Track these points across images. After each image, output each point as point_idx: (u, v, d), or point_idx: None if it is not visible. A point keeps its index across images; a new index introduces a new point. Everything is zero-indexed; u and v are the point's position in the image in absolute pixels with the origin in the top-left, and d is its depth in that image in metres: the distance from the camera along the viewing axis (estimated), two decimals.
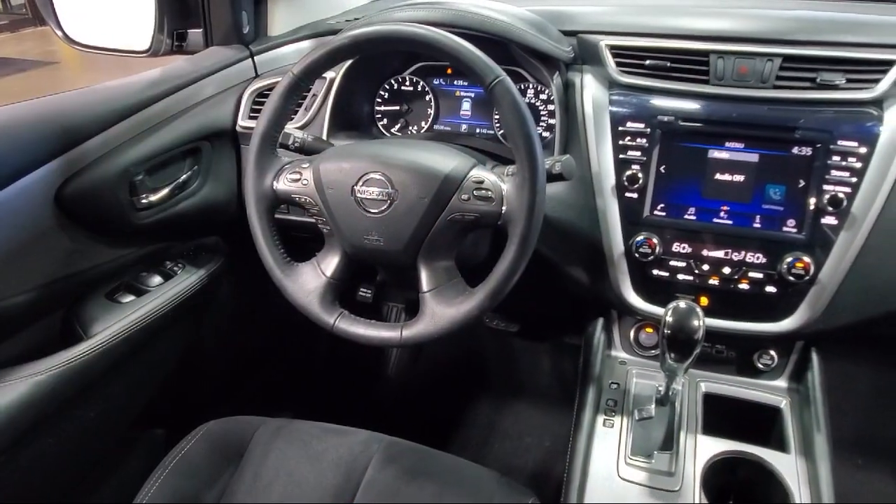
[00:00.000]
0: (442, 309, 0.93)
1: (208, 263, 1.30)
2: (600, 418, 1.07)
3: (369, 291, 1.28)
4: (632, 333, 1.20)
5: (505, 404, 1.76)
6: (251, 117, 1.27)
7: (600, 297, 1.13)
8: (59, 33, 1.28)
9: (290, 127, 1.08)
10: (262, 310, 1.59)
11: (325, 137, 1.21)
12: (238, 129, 1.27)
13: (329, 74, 1.22)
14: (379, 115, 1.34)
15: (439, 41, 0.89)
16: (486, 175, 0.93)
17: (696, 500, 0.93)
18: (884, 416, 1.61)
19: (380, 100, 1.33)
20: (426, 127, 1.32)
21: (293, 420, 1.11)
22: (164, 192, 1.19)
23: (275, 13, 1.40)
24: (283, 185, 0.98)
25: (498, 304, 0.91)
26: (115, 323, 1.10)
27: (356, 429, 1.10)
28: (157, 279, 1.22)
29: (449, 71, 1.31)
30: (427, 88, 1.31)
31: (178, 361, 1.34)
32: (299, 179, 0.98)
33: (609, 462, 1.00)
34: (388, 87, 1.33)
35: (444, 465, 1.05)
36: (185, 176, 1.23)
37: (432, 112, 1.32)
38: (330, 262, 1.00)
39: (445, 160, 0.94)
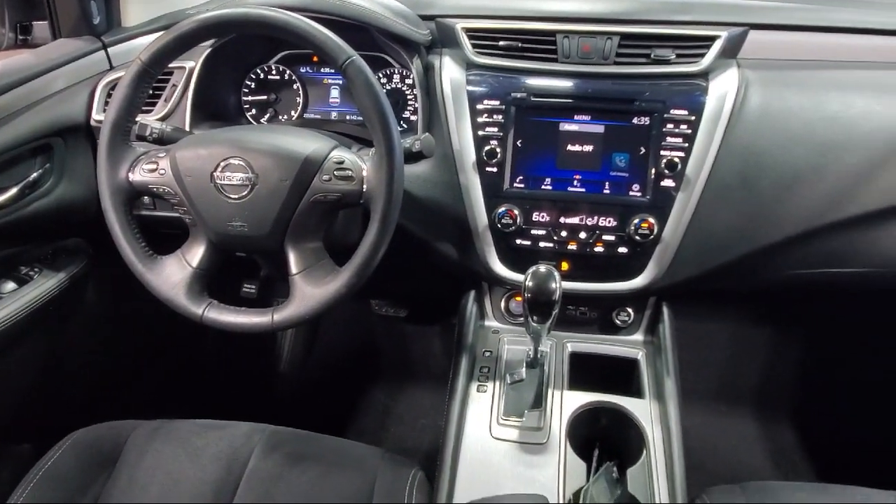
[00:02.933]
0: (311, 290, 0.93)
1: (69, 266, 1.23)
2: (474, 385, 1.12)
3: (253, 287, 1.27)
4: (502, 303, 1.26)
5: (399, 389, 1.79)
6: (105, 111, 1.22)
7: (469, 269, 1.17)
8: None
9: (148, 118, 1.05)
10: (136, 310, 1.53)
11: (188, 128, 1.18)
12: (92, 123, 1.22)
13: (188, 64, 1.19)
14: (247, 105, 1.32)
15: (289, 23, 0.89)
16: (346, 155, 0.94)
17: (562, 449, 0.99)
18: (742, 366, 1.77)
19: (246, 89, 1.31)
20: (296, 115, 1.32)
21: (171, 420, 1.08)
22: (13, 192, 1.12)
23: (128, 4, 1.34)
24: (140, 175, 0.95)
25: (367, 281, 0.93)
26: None
27: (238, 422, 1.09)
28: (10, 285, 1.15)
29: (315, 59, 1.31)
30: (294, 77, 1.31)
31: (41, 369, 1.27)
32: (156, 169, 0.95)
33: (482, 424, 1.05)
34: (253, 76, 1.31)
35: (328, 447, 1.05)
36: (35, 175, 1.16)
37: (301, 100, 1.32)
38: (195, 253, 0.98)
39: (305, 142, 0.95)
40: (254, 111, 1.32)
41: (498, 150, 1.10)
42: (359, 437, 1.28)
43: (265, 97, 1.32)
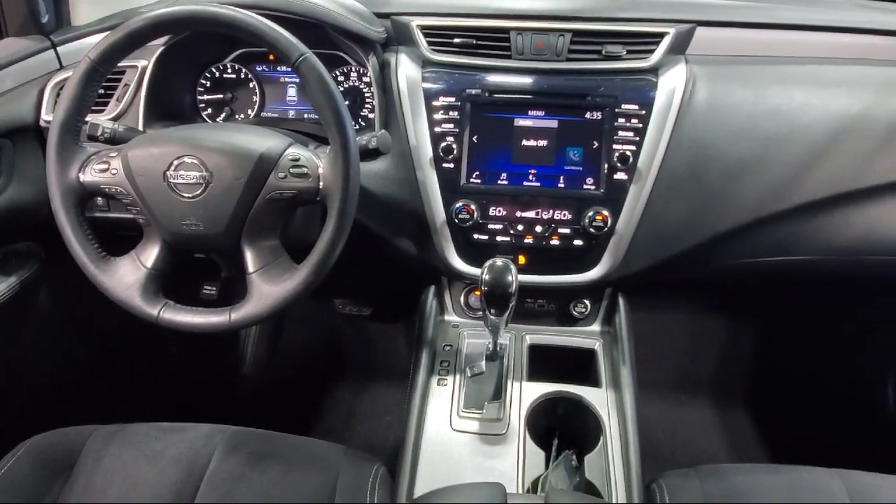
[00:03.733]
0: (269, 288, 0.93)
1: (20, 270, 1.21)
2: (434, 379, 1.13)
3: (214, 289, 1.25)
4: (462, 297, 1.28)
5: (364, 387, 1.79)
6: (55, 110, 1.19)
7: (428, 264, 1.19)
8: None
9: (100, 118, 1.03)
10: (91, 314, 1.50)
11: (141, 128, 1.17)
12: (42, 123, 1.19)
13: (140, 62, 1.17)
14: (202, 105, 1.31)
15: (241, 20, 0.89)
16: (302, 153, 0.95)
17: (521, 439, 1.01)
18: (700, 356, 1.82)
19: (202, 88, 1.30)
20: (253, 114, 1.31)
21: (129, 424, 1.07)
22: None
23: (78, 2, 1.32)
24: (91, 176, 0.94)
25: (329, 280, 0.93)
26: None
27: (198, 424, 1.08)
28: None
29: (271, 57, 1.30)
30: (250, 75, 1.30)
31: None
32: (107, 169, 0.94)
33: (443, 417, 1.06)
34: (209, 74, 1.30)
35: (290, 446, 1.05)
36: None
37: (258, 99, 1.31)
38: (150, 253, 0.97)
39: (260, 140, 0.94)
40: (210, 110, 1.31)
41: (454, 146, 1.11)
42: (324, 437, 1.28)
43: (221, 96, 1.31)
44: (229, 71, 1.30)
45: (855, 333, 1.68)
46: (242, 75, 1.30)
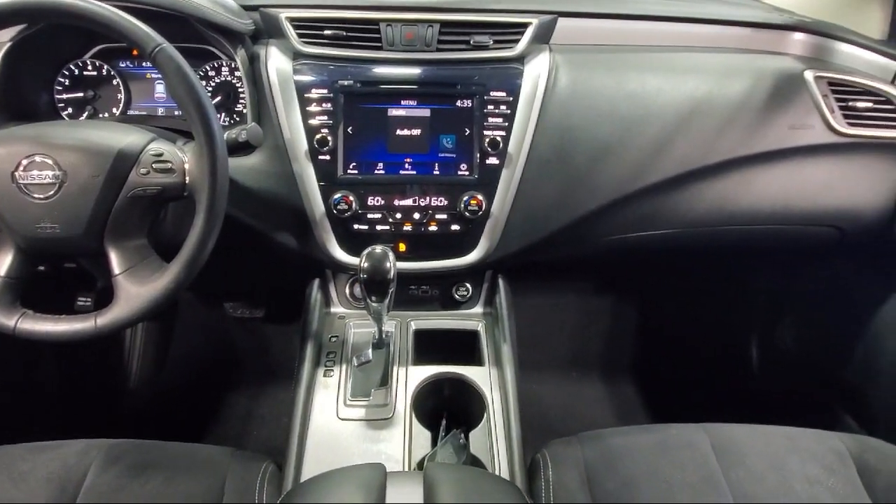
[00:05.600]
0: (137, 289, 0.90)
1: None
2: (320, 371, 1.13)
3: (89, 300, 1.19)
4: (347, 288, 1.28)
5: (261, 391, 1.75)
6: None
7: (311, 257, 1.18)
8: None
9: None
10: None
11: None
12: None
13: None
14: (62, 104, 1.23)
15: (89, 10, 0.85)
16: (165, 147, 0.92)
17: (407, 421, 1.03)
18: (589, 335, 1.92)
19: (60, 87, 1.23)
20: (118, 112, 1.25)
21: None
22: None
23: None
24: None
25: (216, 283, 0.92)
26: None
27: (72, 440, 1.02)
28: None
29: (135, 52, 1.25)
30: (113, 72, 1.24)
31: None
32: None
33: (329, 408, 1.06)
34: (67, 72, 1.23)
35: (174, 453, 1.02)
36: None
37: (122, 97, 1.25)
38: (2, 261, 0.91)
39: (118, 136, 0.91)
40: (70, 109, 1.24)
41: (329, 137, 1.11)
42: (221, 444, 1.24)
43: (81, 94, 1.24)
44: (90, 67, 1.23)
45: (723, 300, 1.83)
46: (104, 72, 1.24)
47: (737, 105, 1.17)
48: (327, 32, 1.14)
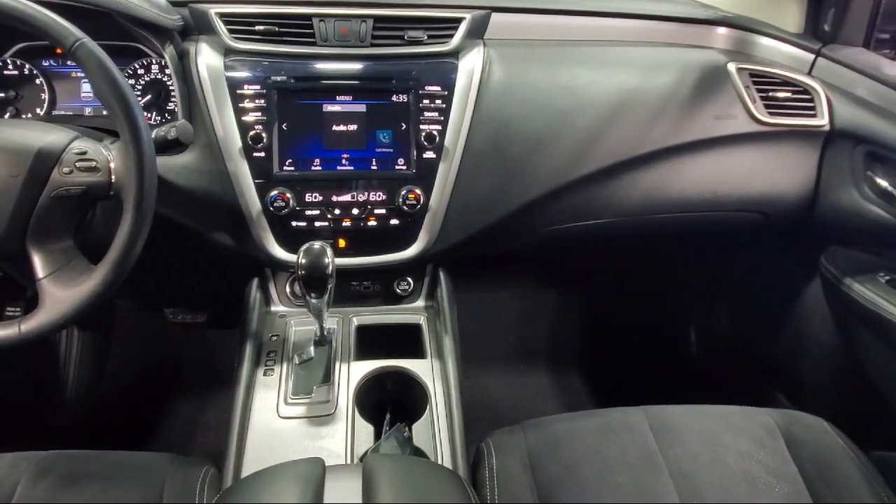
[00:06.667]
0: (62, 293, 0.87)
1: None
2: (260, 370, 1.11)
3: (18, 310, 1.14)
4: (287, 287, 1.27)
5: (206, 397, 1.72)
6: None
7: (249, 256, 1.16)
8: None
9: None
10: None
11: None
12: None
13: None
14: None
15: (4, 4, 0.82)
16: (89, 146, 0.89)
17: (349, 416, 1.03)
18: (534, 328, 1.95)
19: None
20: (42, 112, 1.21)
21: None
22: None
23: None
24: None
25: (155, 288, 0.89)
26: None
27: None
28: None
29: (59, 50, 1.21)
30: (35, 71, 1.20)
31: None
32: None
33: (269, 407, 1.05)
34: None
35: (109, 462, 0.99)
36: None
37: (47, 97, 1.21)
38: None
39: (38, 135, 0.88)
40: None
41: (263, 134, 1.10)
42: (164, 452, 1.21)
43: (2, 94, 1.19)
44: (10, 67, 1.19)
45: (663, 287, 1.89)
46: (27, 71, 1.19)
47: (665, 97, 1.21)
48: (259, 28, 1.12)
